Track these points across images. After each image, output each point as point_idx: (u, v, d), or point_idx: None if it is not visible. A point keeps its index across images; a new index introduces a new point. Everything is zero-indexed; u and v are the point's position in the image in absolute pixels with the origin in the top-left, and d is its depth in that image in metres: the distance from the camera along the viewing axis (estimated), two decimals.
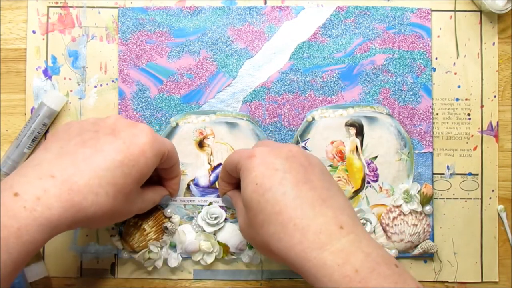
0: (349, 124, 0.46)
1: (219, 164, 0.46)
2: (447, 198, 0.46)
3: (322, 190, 0.35)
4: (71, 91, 0.46)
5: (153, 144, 0.36)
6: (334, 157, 0.46)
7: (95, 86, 0.46)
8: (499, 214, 0.46)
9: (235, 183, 0.43)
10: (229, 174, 0.41)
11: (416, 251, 0.45)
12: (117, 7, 0.46)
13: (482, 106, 0.47)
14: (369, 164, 0.46)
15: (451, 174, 0.46)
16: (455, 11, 0.47)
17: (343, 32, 0.46)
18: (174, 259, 0.45)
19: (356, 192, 0.46)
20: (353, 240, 0.32)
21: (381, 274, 0.30)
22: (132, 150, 0.35)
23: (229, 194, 0.43)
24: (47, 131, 0.46)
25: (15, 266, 0.30)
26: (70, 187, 0.32)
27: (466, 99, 0.46)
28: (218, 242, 0.45)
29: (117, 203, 0.34)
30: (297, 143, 0.46)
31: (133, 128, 0.36)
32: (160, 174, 0.43)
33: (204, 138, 0.46)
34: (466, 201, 0.46)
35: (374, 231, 0.45)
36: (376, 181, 0.46)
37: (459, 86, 0.47)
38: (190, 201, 0.45)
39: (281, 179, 0.34)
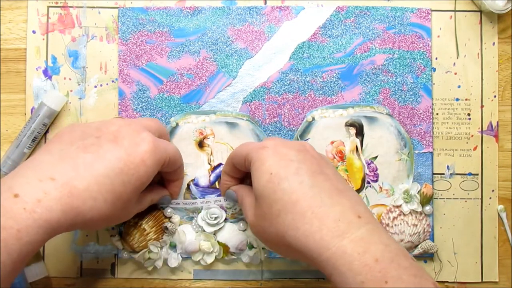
0: (349, 124, 0.46)
1: (219, 164, 0.46)
2: (447, 198, 0.46)
3: (337, 182, 0.35)
4: (71, 91, 0.46)
5: (154, 153, 0.36)
6: (334, 157, 0.46)
7: (95, 86, 0.46)
8: (499, 214, 0.46)
9: (239, 178, 0.43)
10: (234, 167, 0.41)
11: (416, 251, 0.45)
12: (117, 7, 0.46)
13: (482, 106, 0.47)
14: (369, 164, 0.46)
15: (451, 174, 0.46)
16: (455, 11, 0.47)
17: (343, 32, 0.46)
18: (174, 259, 0.45)
19: (356, 192, 0.46)
20: (372, 230, 0.32)
21: (400, 265, 0.30)
22: (133, 159, 0.35)
23: (233, 188, 0.43)
24: (47, 131, 0.46)
25: (14, 267, 0.30)
26: (70, 191, 0.32)
27: (466, 99, 0.46)
28: (218, 242, 0.45)
29: (115, 210, 0.34)
30: None
31: (135, 137, 0.36)
32: (163, 176, 0.43)
33: (204, 138, 0.46)
34: (466, 201, 0.46)
35: None
36: (376, 181, 0.46)
37: (459, 86, 0.47)
38: (192, 203, 0.45)
39: (297, 169, 0.34)
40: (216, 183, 0.46)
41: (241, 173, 0.42)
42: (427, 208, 0.45)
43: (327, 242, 0.31)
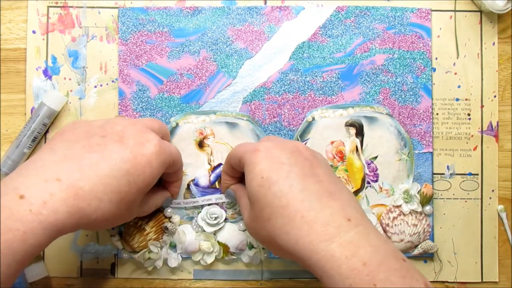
0: (349, 124, 0.46)
1: (219, 164, 0.46)
2: (447, 198, 0.46)
3: (329, 184, 0.35)
4: (71, 91, 0.46)
5: (160, 155, 0.36)
6: (334, 157, 0.46)
7: (95, 86, 0.46)
8: (499, 214, 0.46)
9: (238, 177, 0.43)
10: (232, 167, 0.41)
11: (416, 251, 0.45)
12: (117, 7, 0.46)
13: (482, 106, 0.47)
14: (369, 164, 0.46)
15: (451, 174, 0.46)
16: (455, 11, 0.47)
17: (343, 32, 0.46)
18: (174, 259, 0.45)
19: (356, 192, 0.46)
20: (362, 233, 0.32)
21: (389, 268, 0.30)
22: (139, 160, 0.35)
23: (232, 188, 0.43)
24: (47, 131, 0.46)
25: (18, 268, 0.30)
26: (75, 192, 0.32)
27: (466, 99, 0.46)
28: (218, 242, 0.45)
29: (119, 210, 0.34)
30: None
31: (141, 137, 0.36)
32: (162, 177, 0.43)
33: (204, 138, 0.46)
34: (466, 201, 0.46)
35: None
36: (376, 181, 0.46)
37: (459, 86, 0.47)
38: (193, 202, 0.45)
39: (288, 172, 0.34)
40: (216, 183, 0.46)
41: (239, 172, 0.42)
42: (427, 208, 0.45)
43: (315, 246, 0.31)
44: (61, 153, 0.34)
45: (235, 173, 0.42)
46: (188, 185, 0.46)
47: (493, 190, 0.46)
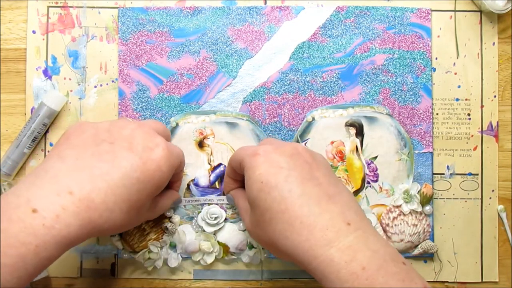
0: (349, 124, 0.46)
1: (219, 164, 0.46)
2: (447, 198, 0.46)
3: (328, 186, 0.35)
4: (71, 91, 0.46)
5: (169, 158, 0.36)
6: (334, 157, 0.46)
7: (95, 86, 0.46)
8: (499, 214, 0.46)
9: (241, 180, 0.43)
10: (234, 170, 0.41)
11: (416, 251, 0.45)
12: (117, 7, 0.46)
13: (482, 106, 0.47)
14: (369, 164, 0.46)
15: (451, 174, 0.46)
16: (455, 11, 0.47)
17: (343, 32, 0.46)
18: (174, 259, 0.45)
19: (356, 192, 0.46)
20: (361, 237, 0.32)
21: (388, 272, 0.30)
22: (149, 165, 0.34)
23: (232, 193, 0.43)
24: (47, 131, 0.46)
25: (28, 280, 0.30)
26: (87, 205, 0.32)
27: (466, 99, 0.46)
28: (218, 242, 0.45)
29: (130, 218, 0.35)
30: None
31: (149, 142, 0.36)
32: None
33: (204, 138, 0.46)
34: (466, 201, 0.46)
35: None
36: (376, 181, 0.46)
37: (459, 86, 0.47)
38: (195, 200, 0.45)
39: (286, 177, 0.34)
40: (216, 183, 0.46)
41: (242, 175, 0.42)
42: (427, 208, 0.45)
43: (315, 251, 0.31)
44: (70, 161, 0.33)
45: (237, 176, 0.42)
46: (188, 185, 0.46)
47: (493, 190, 0.46)
